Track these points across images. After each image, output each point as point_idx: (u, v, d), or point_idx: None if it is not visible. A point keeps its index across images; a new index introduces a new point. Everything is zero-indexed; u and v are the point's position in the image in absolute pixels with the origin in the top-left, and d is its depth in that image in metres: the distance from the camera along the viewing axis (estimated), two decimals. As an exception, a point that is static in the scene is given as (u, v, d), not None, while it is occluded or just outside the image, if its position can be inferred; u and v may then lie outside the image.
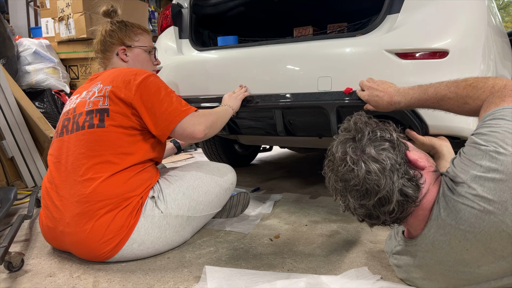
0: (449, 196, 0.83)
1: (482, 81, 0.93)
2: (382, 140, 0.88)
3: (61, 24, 3.42)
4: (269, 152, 3.62)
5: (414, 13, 1.36)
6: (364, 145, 0.88)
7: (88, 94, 1.35)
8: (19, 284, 1.13)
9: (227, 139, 2.67)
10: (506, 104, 0.84)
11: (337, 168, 0.90)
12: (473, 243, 0.80)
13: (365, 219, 0.93)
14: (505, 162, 0.75)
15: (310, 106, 1.46)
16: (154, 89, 1.30)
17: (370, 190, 0.85)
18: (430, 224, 0.87)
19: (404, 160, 0.88)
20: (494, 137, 0.79)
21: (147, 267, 1.23)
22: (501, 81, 0.90)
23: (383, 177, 0.84)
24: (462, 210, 0.79)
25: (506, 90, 0.87)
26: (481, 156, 0.79)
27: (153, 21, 5.22)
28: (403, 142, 0.92)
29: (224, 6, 2.01)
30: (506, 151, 0.75)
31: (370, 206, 0.87)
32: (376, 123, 0.94)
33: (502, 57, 1.66)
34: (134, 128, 1.30)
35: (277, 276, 1.12)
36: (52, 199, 1.27)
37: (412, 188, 0.86)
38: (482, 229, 0.77)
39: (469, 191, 0.79)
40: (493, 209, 0.75)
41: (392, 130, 0.92)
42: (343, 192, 0.90)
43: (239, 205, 1.71)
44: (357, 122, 0.93)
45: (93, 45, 1.54)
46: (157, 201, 1.29)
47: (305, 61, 1.48)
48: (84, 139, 1.26)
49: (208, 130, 1.36)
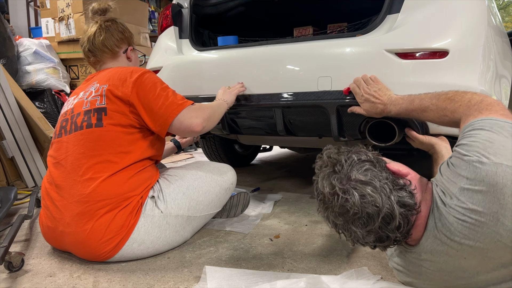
0: (441, 208, 0.83)
1: (460, 95, 0.96)
2: (361, 162, 0.89)
3: (61, 24, 3.42)
4: (269, 152, 3.62)
5: (414, 13, 1.36)
6: (347, 172, 0.87)
7: (85, 94, 1.35)
8: (19, 284, 1.13)
9: (227, 139, 2.67)
10: (484, 115, 0.86)
11: (331, 204, 0.88)
12: (470, 253, 0.80)
13: (377, 244, 0.91)
14: (489, 172, 0.74)
15: (310, 105, 1.46)
16: (150, 85, 1.31)
17: (371, 213, 0.83)
18: (427, 235, 0.86)
19: (389, 173, 0.88)
20: (475, 146, 0.79)
21: (147, 267, 1.23)
22: (478, 96, 0.92)
23: (378, 196, 0.83)
24: (455, 222, 0.79)
25: (483, 104, 0.89)
26: (465, 167, 0.79)
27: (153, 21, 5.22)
28: (380, 158, 0.93)
29: (224, 6, 2.01)
30: (488, 161, 0.75)
31: (377, 229, 0.85)
32: (348, 149, 0.94)
33: (502, 57, 1.66)
34: (133, 126, 1.30)
35: (277, 276, 1.12)
36: (52, 200, 1.27)
37: (408, 197, 0.86)
38: (477, 240, 0.77)
39: (459, 204, 0.78)
40: (485, 221, 0.75)
41: (365, 151, 0.93)
42: (346, 225, 0.88)
43: (239, 205, 1.71)
44: (330, 155, 0.93)
45: (96, 40, 1.45)
46: (157, 201, 1.29)
47: (305, 61, 1.48)
48: (83, 139, 1.26)
49: (205, 123, 1.36)
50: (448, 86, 1.25)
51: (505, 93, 1.69)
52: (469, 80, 1.29)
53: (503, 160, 0.74)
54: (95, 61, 1.50)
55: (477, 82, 1.30)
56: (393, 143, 1.42)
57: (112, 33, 1.47)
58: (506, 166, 0.73)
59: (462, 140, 0.84)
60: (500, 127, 0.80)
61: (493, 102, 0.89)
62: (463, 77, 1.29)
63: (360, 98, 1.30)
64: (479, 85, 1.30)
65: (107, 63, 1.49)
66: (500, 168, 0.73)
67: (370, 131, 1.44)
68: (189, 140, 1.95)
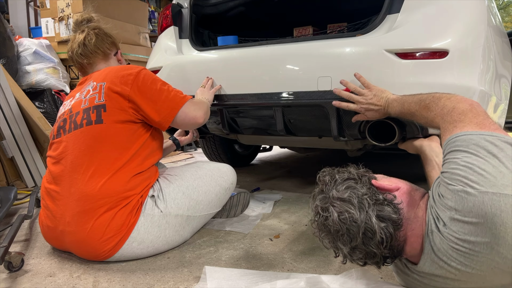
0: (435, 233, 0.81)
1: (435, 103, 0.96)
2: (343, 180, 0.91)
3: (61, 24, 3.42)
4: (269, 152, 3.62)
5: (414, 13, 1.36)
6: (329, 191, 0.90)
7: (82, 94, 1.36)
8: (19, 284, 1.13)
9: (227, 139, 2.67)
10: (459, 130, 0.84)
11: (318, 223, 0.92)
12: (469, 277, 0.79)
13: (367, 261, 0.91)
14: (476, 202, 0.73)
15: (310, 104, 1.47)
16: (150, 80, 1.35)
17: (350, 229, 0.85)
18: (425, 258, 0.85)
19: (370, 189, 0.88)
20: (457, 174, 0.77)
21: (147, 267, 1.23)
22: (450, 102, 0.91)
23: (356, 212, 0.84)
24: (449, 250, 0.78)
25: (455, 113, 0.87)
26: (451, 197, 0.77)
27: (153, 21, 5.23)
28: (365, 174, 0.93)
29: (224, 6, 2.01)
30: (474, 191, 0.73)
31: (361, 245, 0.86)
32: (337, 170, 0.96)
33: (502, 57, 1.66)
34: (132, 122, 1.31)
35: (277, 276, 1.12)
36: (52, 199, 1.27)
37: (389, 211, 0.85)
38: (473, 267, 0.76)
39: (451, 233, 0.77)
40: (479, 250, 0.74)
41: (351, 170, 0.95)
42: (334, 243, 0.90)
43: (239, 205, 1.71)
44: (321, 177, 0.96)
45: (87, 44, 1.48)
46: (156, 200, 1.29)
47: (305, 61, 1.48)
48: (82, 136, 1.26)
49: (205, 116, 1.45)
50: (448, 86, 1.25)
51: (505, 93, 1.70)
52: (469, 80, 1.29)
53: (488, 188, 0.72)
54: (88, 64, 1.50)
55: (477, 82, 1.30)
56: (393, 143, 1.42)
57: (102, 38, 1.51)
58: (492, 194, 0.71)
59: (444, 167, 0.83)
60: (476, 144, 0.78)
61: (465, 110, 0.86)
62: (463, 77, 1.29)
63: (360, 110, 1.31)
64: (479, 85, 1.30)
65: (99, 65, 1.51)
66: (486, 197, 0.72)
67: (370, 131, 1.44)
68: (187, 138, 1.95)
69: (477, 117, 0.84)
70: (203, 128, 2.00)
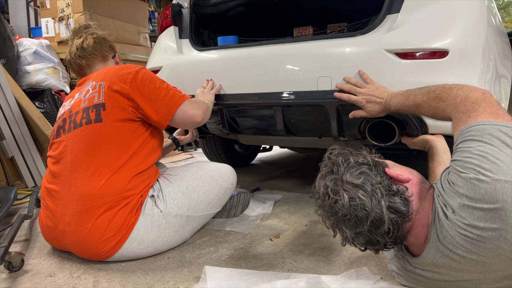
0: (443, 220, 0.82)
1: (446, 92, 0.94)
2: (358, 165, 0.89)
3: (61, 24, 3.42)
4: (269, 152, 3.62)
5: (414, 13, 1.36)
6: (342, 174, 0.88)
7: (82, 94, 1.36)
8: (19, 284, 1.13)
9: (227, 139, 2.67)
10: (472, 120, 0.83)
11: (323, 204, 0.90)
12: (473, 266, 0.79)
13: (367, 247, 0.91)
14: (488, 189, 0.73)
15: (310, 104, 1.46)
16: (149, 79, 1.35)
17: (359, 216, 0.84)
18: (429, 246, 0.86)
19: (384, 178, 0.88)
20: (470, 163, 0.77)
21: (147, 267, 1.23)
22: (462, 92, 0.90)
23: (368, 200, 0.83)
24: (457, 236, 0.79)
25: (468, 103, 0.86)
26: (463, 184, 0.78)
27: (153, 21, 5.22)
28: (379, 162, 0.92)
29: (224, 6, 2.01)
30: (486, 178, 0.74)
31: (366, 232, 0.85)
32: (350, 151, 0.94)
33: (502, 57, 1.66)
34: (132, 120, 1.31)
35: (277, 276, 1.12)
36: (52, 199, 1.27)
37: (400, 203, 0.85)
38: (480, 254, 0.77)
39: (460, 219, 0.78)
40: (487, 236, 0.74)
41: (365, 154, 0.93)
42: (337, 225, 0.90)
43: (239, 205, 1.71)
44: (331, 155, 0.94)
45: (86, 46, 1.51)
46: (156, 200, 1.29)
47: (305, 61, 1.48)
48: (82, 135, 1.27)
49: (204, 115, 1.44)
50: (448, 86, 1.25)
51: (505, 93, 1.70)
52: (469, 80, 1.29)
53: (500, 176, 0.73)
54: (87, 64, 1.52)
55: (477, 82, 1.30)
56: (393, 143, 1.42)
57: (100, 42, 1.54)
58: (504, 182, 0.72)
59: (456, 155, 0.83)
60: (490, 134, 0.78)
61: (478, 99, 0.86)
62: (463, 77, 1.29)
63: (361, 102, 1.30)
64: (479, 85, 1.30)
65: (97, 66, 1.53)
66: (499, 184, 0.72)
67: (370, 131, 1.44)
68: (187, 137, 1.95)
69: (491, 106, 0.84)
70: (203, 128, 2.00)
